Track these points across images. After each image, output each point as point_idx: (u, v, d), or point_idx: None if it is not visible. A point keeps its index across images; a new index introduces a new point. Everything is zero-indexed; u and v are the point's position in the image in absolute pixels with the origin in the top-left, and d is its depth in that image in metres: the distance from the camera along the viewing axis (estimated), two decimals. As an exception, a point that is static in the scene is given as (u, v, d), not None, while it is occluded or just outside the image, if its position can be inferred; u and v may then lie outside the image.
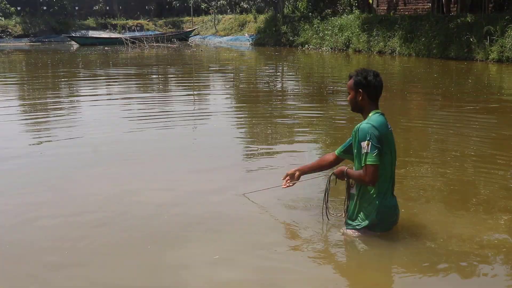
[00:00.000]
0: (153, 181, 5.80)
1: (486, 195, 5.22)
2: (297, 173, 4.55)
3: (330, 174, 4.30)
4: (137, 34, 37.94)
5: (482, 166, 6.22)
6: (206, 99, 12.68)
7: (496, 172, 5.97)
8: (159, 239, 4.30)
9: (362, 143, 3.82)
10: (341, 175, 4.16)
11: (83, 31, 39.88)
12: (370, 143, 3.78)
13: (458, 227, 4.37)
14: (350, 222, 4.14)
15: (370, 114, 3.97)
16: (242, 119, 9.83)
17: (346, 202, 4.19)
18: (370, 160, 3.80)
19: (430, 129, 8.54)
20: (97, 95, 13.20)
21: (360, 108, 4.05)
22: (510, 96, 11.64)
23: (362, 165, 3.85)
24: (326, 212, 4.40)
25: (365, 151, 3.80)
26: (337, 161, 4.42)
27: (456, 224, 4.43)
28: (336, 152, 4.41)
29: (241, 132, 8.70)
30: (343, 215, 4.25)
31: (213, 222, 4.63)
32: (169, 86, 15.34)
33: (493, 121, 9.07)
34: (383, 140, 3.85)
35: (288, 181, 4.57)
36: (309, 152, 7.07)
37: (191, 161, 6.64)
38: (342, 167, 4.20)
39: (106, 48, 31.53)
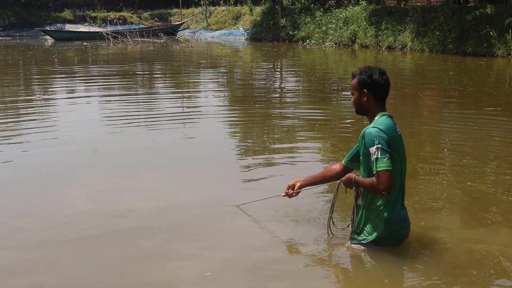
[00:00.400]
0: (138, 191, 5.79)
1: (507, 206, 5.21)
2: (297, 184, 4.52)
3: (338, 182, 4.26)
4: (119, 28, 37.94)
5: (503, 174, 6.23)
6: (197, 100, 12.66)
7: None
8: (145, 254, 4.30)
9: (370, 149, 3.81)
10: (349, 183, 4.11)
11: (59, 25, 39.92)
12: (380, 147, 3.76)
13: (476, 242, 4.36)
14: (355, 236, 4.13)
15: (376, 117, 3.96)
16: (236, 122, 9.83)
17: (353, 214, 4.17)
18: (383, 165, 3.76)
19: (445, 133, 8.56)
20: (74, 97, 13.19)
21: (366, 110, 4.04)
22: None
23: (374, 172, 3.82)
24: (330, 225, 4.37)
25: (375, 156, 3.77)
26: (344, 171, 4.36)
27: (474, 239, 4.42)
28: (343, 162, 4.39)
29: (235, 137, 8.70)
30: (350, 228, 4.24)
31: (204, 236, 4.63)
32: (155, 86, 15.32)
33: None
34: (392, 145, 3.84)
35: (289, 192, 4.56)
36: (310, 159, 7.08)
37: (180, 168, 6.65)
38: (350, 174, 4.18)
39: (85, 43, 31.52)
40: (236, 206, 5.10)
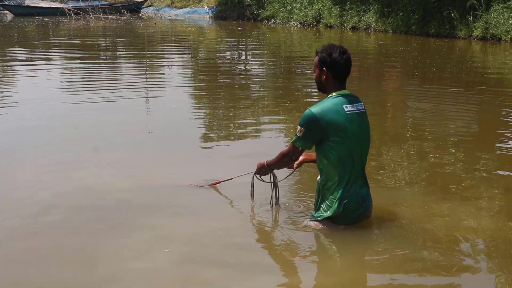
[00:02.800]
0: (101, 169, 5.67)
1: (466, 183, 5.30)
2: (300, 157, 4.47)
3: (252, 175, 4.52)
4: (81, 4, 37.15)
5: (463, 151, 6.31)
6: (160, 78, 12.50)
7: (478, 157, 6.08)
8: (107, 231, 4.26)
9: (298, 126, 3.97)
10: (262, 170, 4.42)
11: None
12: (303, 130, 3.93)
13: (435, 218, 4.41)
14: (313, 213, 4.17)
15: (328, 96, 3.98)
16: (200, 97, 9.75)
17: (273, 195, 4.50)
18: (297, 143, 4.02)
19: (408, 113, 8.64)
20: (34, 71, 12.90)
21: (324, 88, 4.04)
22: (494, 77, 11.85)
23: (290, 142, 4.10)
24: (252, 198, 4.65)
25: (297, 135, 3.99)
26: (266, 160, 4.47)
27: (434, 215, 4.47)
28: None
29: (200, 113, 8.62)
30: (270, 207, 4.54)
31: (168, 214, 4.59)
32: (118, 62, 15.09)
33: (476, 104, 9.25)
34: (326, 129, 3.86)
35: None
36: (276, 135, 7.08)
37: (143, 146, 6.56)
38: (260, 162, 4.39)
39: (45, 19, 30.83)
40: (196, 186, 5.07)
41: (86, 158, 6.04)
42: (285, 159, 4.21)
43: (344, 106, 3.93)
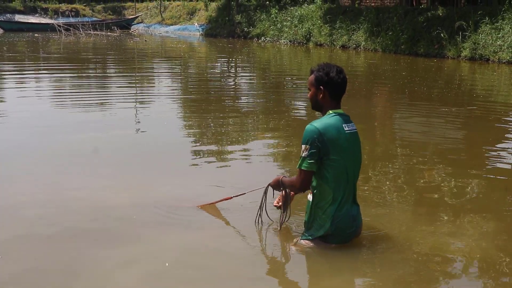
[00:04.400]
0: (88, 189, 5.59)
1: (454, 202, 5.33)
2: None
3: (266, 185, 4.42)
4: (71, 20, 37.19)
5: (451, 172, 6.33)
6: (150, 92, 12.48)
7: (465, 177, 6.11)
8: (98, 248, 4.20)
9: (302, 145, 3.90)
10: (277, 186, 4.30)
11: (8, 15, 38.79)
12: (309, 148, 3.86)
13: (425, 236, 4.42)
14: (305, 232, 4.16)
15: (326, 114, 4.00)
16: (191, 116, 9.73)
17: (282, 213, 4.34)
18: (305, 166, 3.89)
19: (397, 132, 8.70)
20: (24, 86, 12.86)
21: (320, 106, 4.07)
22: (482, 98, 11.92)
23: (297, 167, 3.96)
24: (258, 220, 4.52)
25: (303, 155, 3.89)
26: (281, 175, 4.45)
27: (422, 233, 4.48)
28: None
29: (189, 132, 8.60)
30: (279, 228, 4.39)
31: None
32: (108, 78, 15.06)
33: (465, 123, 9.29)
34: (329, 145, 3.86)
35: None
36: (264, 153, 7.07)
37: (131, 164, 6.52)
38: (278, 176, 4.31)
39: (36, 34, 30.80)
40: (197, 207, 4.99)
41: (74, 172, 6.01)
42: (297, 187, 4.02)
43: (343, 125, 3.97)
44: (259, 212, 4.50)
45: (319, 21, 25.21)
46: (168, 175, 6.05)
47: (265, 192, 4.44)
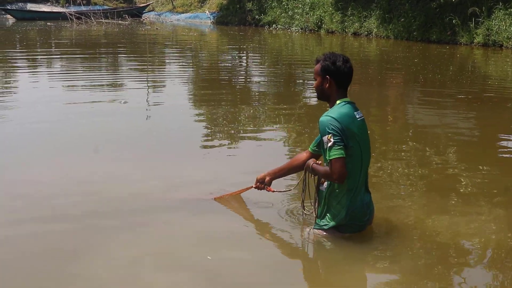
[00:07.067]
0: (108, 179, 5.59)
1: (467, 190, 5.30)
2: (267, 178, 4.51)
3: (305, 167, 4.25)
4: (83, 8, 37.17)
5: (464, 160, 6.30)
6: (162, 83, 12.47)
7: (477, 165, 6.07)
8: (113, 242, 4.19)
9: (323, 138, 3.84)
10: (309, 170, 4.17)
11: (20, 4, 38.90)
12: (332, 136, 3.78)
13: (437, 226, 4.40)
14: (318, 221, 4.13)
15: (335, 104, 3.96)
16: (202, 105, 9.71)
17: (315, 200, 4.18)
18: (335, 153, 3.78)
19: (410, 120, 8.64)
20: (36, 75, 12.88)
21: (327, 96, 4.03)
22: (495, 85, 11.81)
23: (327, 161, 3.85)
24: (303, 209, 4.40)
25: (328, 145, 3.80)
26: (311, 158, 4.29)
27: (433, 223, 4.46)
28: (309, 149, 4.36)
29: (200, 121, 8.57)
30: (314, 213, 4.24)
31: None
32: (119, 67, 15.06)
33: (477, 112, 9.19)
34: (346, 133, 3.83)
35: (260, 186, 4.55)
36: (277, 144, 7.04)
37: (143, 154, 6.48)
38: (310, 160, 4.19)
39: (48, 23, 30.86)
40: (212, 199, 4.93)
41: (83, 162, 6.02)
42: (335, 177, 3.83)
43: (355, 113, 3.94)
44: (303, 197, 4.38)
45: (330, 8, 25.02)
46: (183, 164, 6.05)
47: (305, 174, 4.26)
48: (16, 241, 4.17)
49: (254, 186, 4.61)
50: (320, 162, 4.16)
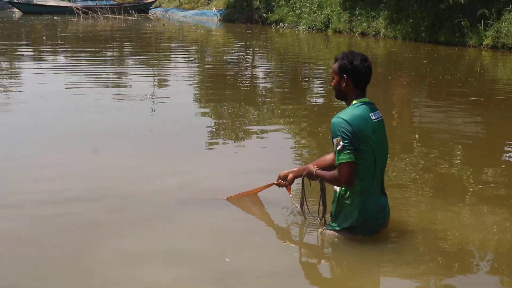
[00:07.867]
0: (116, 174, 5.54)
1: (478, 190, 5.26)
2: (291, 175, 4.42)
3: (302, 176, 4.26)
4: (90, 3, 37.21)
5: (472, 161, 6.26)
6: (167, 78, 12.42)
7: (485, 165, 6.05)
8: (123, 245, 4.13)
9: (333, 140, 3.79)
10: (311, 177, 4.15)
11: (27, -3, 38.96)
12: (341, 139, 3.73)
13: (452, 231, 4.33)
14: (331, 222, 4.07)
15: (351, 104, 3.89)
16: (209, 103, 9.66)
17: (320, 203, 4.18)
18: (344, 158, 3.73)
19: (417, 121, 8.61)
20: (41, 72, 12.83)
21: (344, 95, 3.96)
22: (504, 88, 11.69)
23: (336, 164, 3.80)
24: (304, 213, 4.39)
25: (337, 148, 3.75)
26: (314, 165, 4.23)
27: (450, 228, 4.39)
28: None
29: (208, 118, 8.50)
30: (318, 219, 4.22)
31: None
32: (125, 62, 15.03)
33: (484, 113, 9.11)
34: (358, 135, 3.75)
35: (281, 183, 4.47)
36: (288, 144, 6.98)
37: (151, 150, 6.42)
38: (311, 167, 4.15)
39: (55, 17, 30.84)
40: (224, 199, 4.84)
41: (85, 158, 5.96)
42: (343, 182, 3.79)
43: (370, 114, 3.86)
44: (304, 202, 4.36)
45: (338, 8, 24.92)
46: (189, 162, 5.96)
47: (303, 182, 4.28)
48: (25, 234, 4.12)
49: (275, 182, 4.53)
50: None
